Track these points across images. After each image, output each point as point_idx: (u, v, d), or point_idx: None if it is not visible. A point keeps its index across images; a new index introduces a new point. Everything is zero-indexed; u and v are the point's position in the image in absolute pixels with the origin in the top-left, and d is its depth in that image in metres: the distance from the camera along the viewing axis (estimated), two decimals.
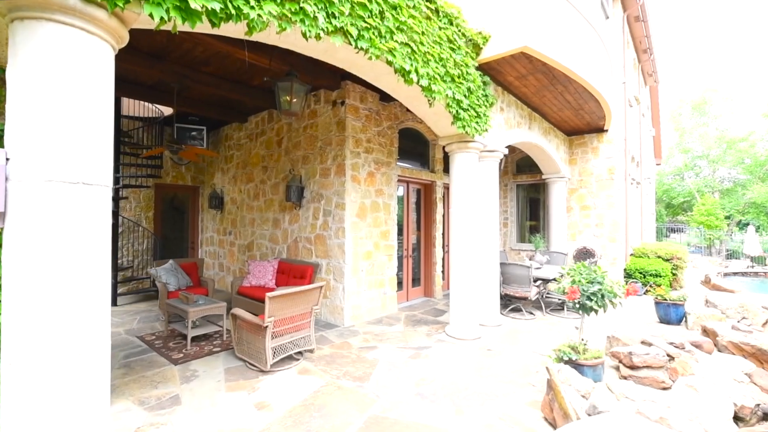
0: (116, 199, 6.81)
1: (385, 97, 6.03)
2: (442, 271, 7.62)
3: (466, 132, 4.65)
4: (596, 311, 3.38)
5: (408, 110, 6.60)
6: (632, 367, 3.71)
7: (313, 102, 6.06)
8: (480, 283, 5.23)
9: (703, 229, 20.08)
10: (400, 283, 6.77)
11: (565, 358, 3.26)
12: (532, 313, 6.23)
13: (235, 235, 7.90)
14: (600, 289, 3.27)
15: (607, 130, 8.45)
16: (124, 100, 7.16)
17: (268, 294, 3.54)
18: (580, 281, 3.34)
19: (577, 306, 3.39)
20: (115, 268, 6.74)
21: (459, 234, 4.97)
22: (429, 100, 4.06)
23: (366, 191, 5.80)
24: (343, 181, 5.51)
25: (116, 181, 6.81)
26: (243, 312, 3.96)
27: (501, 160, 5.83)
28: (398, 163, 6.48)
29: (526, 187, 10.02)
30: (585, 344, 3.46)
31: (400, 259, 6.75)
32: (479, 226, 5.14)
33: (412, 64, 3.60)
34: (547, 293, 6.57)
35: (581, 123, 7.98)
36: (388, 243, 6.22)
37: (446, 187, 7.90)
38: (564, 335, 5.07)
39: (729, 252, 18.76)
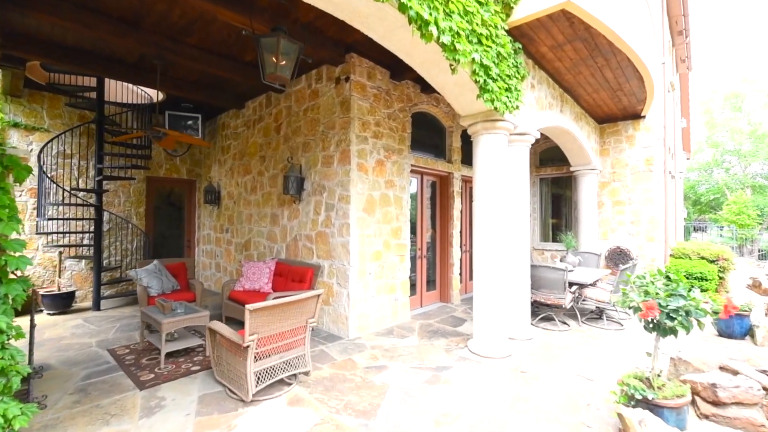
0: (98, 192, 6.18)
1: (396, 74, 5.25)
2: (460, 274, 6.81)
3: (495, 108, 3.83)
4: (675, 333, 2.54)
5: (422, 91, 5.80)
6: (716, 404, 2.87)
7: (315, 80, 5.31)
8: (509, 288, 4.42)
9: (734, 228, 18.76)
10: (412, 287, 6.00)
11: (638, 396, 2.45)
12: (565, 323, 5.39)
13: (232, 232, 7.23)
14: (684, 305, 2.44)
15: (644, 117, 7.52)
16: (112, 87, 6.52)
17: (249, 306, 2.81)
18: (656, 293, 2.51)
19: (651, 325, 2.57)
20: (99, 268, 6.11)
21: (484, 231, 4.17)
22: (451, 65, 3.27)
23: (374, 182, 5.04)
24: (348, 170, 4.75)
25: (98, 172, 6.18)
26: (221, 326, 3.23)
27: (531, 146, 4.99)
28: (411, 152, 5.69)
29: (549, 182, 9.12)
30: (659, 375, 2.64)
31: (413, 260, 5.97)
32: (507, 221, 4.32)
33: (431, 14, 2.81)
34: (583, 300, 5.71)
35: (616, 108, 7.08)
36: (400, 242, 5.45)
37: (465, 180, 7.09)
38: (611, 353, 4.22)
39: (762, 252, 17.48)
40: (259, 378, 3.05)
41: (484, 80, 3.62)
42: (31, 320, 3.47)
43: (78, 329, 5.10)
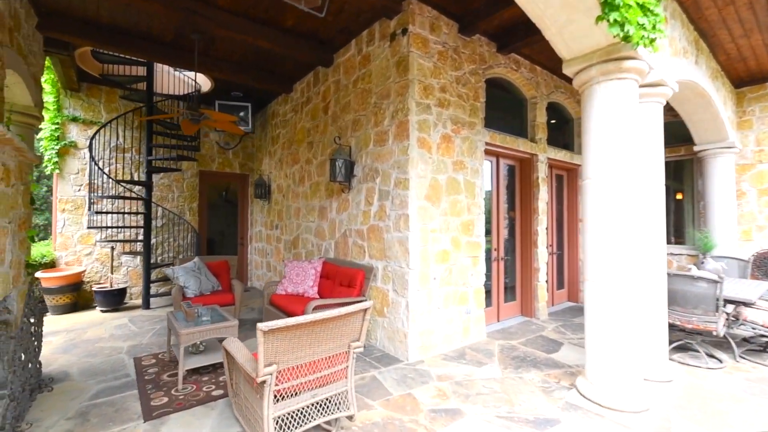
0: (148, 185, 5.93)
1: (466, 27, 4.12)
2: (547, 281, 5.43)
3: (625, 35, 2.53)
4: None
5: (499, 50, 4.60)
6: None
7: (366, 42, 4.39)
8: (638, 305, 3.04)
9: None
10: (487, 297, 4.79)
11: None
12: (714, 357, 3.80)
13: (281, 229, 6.64)
14: None
15: None
16: (160, 78, 6.30)
17: (261, 326, 1.92)
18: None
19: None
20: (148, 265, 5.86)
21: (601, 225, 2.87)
22: None
23: (440, 163, 3.97)
24: (406, 146, 3.74)
25: (148, 164, 5.94)
26: (236, 346, 2.41)
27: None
28: (485, 128, 4.51)
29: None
30: None
31: (487, 263, 4.77)
32: (635, 213, 2.95)
33: None
34: (740, 324, 4.03)
35: None
36: (473, 239, 4.30)
37: (551, 165, 5.70)
38: None
39: None
40: (282, 425, 2.17)
41: None
42: (37, 324, 2.99)
43: (118, 330, 4.76)
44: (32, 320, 2.77)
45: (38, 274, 5.53)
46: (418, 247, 3.74)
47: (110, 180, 5.84)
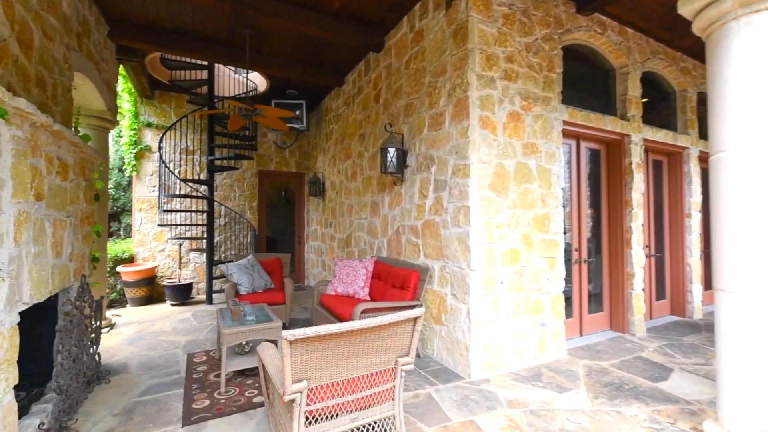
0: (210, 185, 6.13)
1: None
2: (643, 289, 4.47)
3: None
4: None
5: (579, 11, 3.84)
6: None
7: (419, 17, 3.95)
8: None
9: None
10: (567, 306, 4.03)
11: None
12: None
13: (334, 227, 6.46)
14: None
15: None
16: (221, 82, 6.51)
17: (287, 334, 1.58)
18: None
19: None
20: (211, 261, 6.04)
21: (745, 215, 2.08)
22: None
23: (506, 146, 3.37)
24: (465, 127, 3.22)
25: (209, 164, 6.14)
26: (269, 352, 2.13)
27: None
28: (562, 104, 3.80)
29: None
30: None
31: (567, 265, 4.02)
32: None
33: None
34: None
35: None
36: (549, 237, 3.62)
37: (648, 149, 4.72)
38: None
39: None
40: None
41: None
42: (94, 317, 3.03)
43: (181, 324, 4.90)
44: (85, 312, 2.79)
45: (119, 269, 5.99)
46: (480, 245, 3.20)
47: (177, 180, 6.14)
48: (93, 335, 2.99)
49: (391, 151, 3.99)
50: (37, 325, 2.59)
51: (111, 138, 6.12)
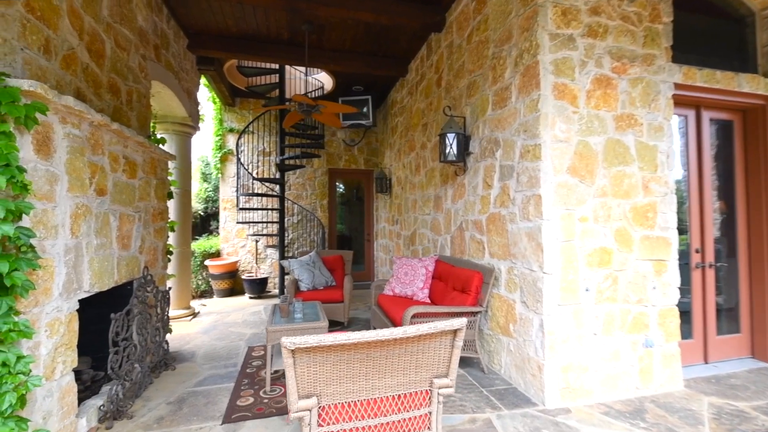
0: (281, 183, 6.36)
1: None
2: None
3: None
4: None
5: None
6: None
7: None
8: None
9: None
10: (684, 322, 3.10)
11: None
12: None
13: (400, 224, 6.20)
14: None
15: None
16: (290, 85, 6.73)
17: (287, 342, 1.34)
18: None
19: None
20: (282, 257, 6.28)
21: None
22: None
23: (591, 119, 2.70)
24: (535, 99, 2.65)
25: (280, 163, 6.37)
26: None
27: None
28: (671, 63, 2.92)
29: None
30: None
31: (683, 270, 3.11)
32: None
33: None
34: None
35: None
36: (655, 233, 2.81)
37: None
38: None
39: None
40: None
41: None
42: (161, 308, 3.22)
43: (252, 316, 5.13)
44: (148, 302, 2.97)
45: (206, 262, 6.59)
46: (556, 243, 2.59)
47: (252, 180, 6.52)
48: (159, 324, 3.19)
49: (450, 137, 3.55)
50: (115, 312, 2.81)
51: (197, 143, 6.77)
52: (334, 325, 4.44)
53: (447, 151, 3.57)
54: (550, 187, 2.59)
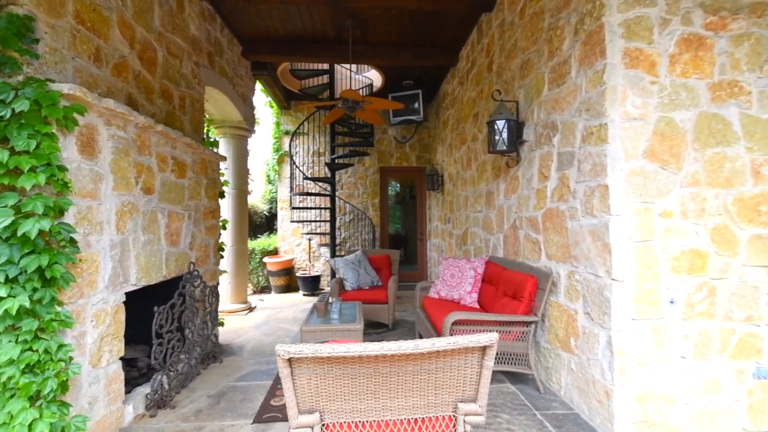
0: (331, 182, 6.41)
1: None
2: None
3: None
4: None
5: None
6: None
7: None
8: None
9: None
10: None
11: None
12: None
13: (452, 222, 5.86)
14: None
15: None
16: (340, 84, 6.75)
17: (281, 350, 1.19)
18: None
19: None
20: (333, 255, 6.32)
21: None
22: None
23: (677, 90, 2.17)
24: (600, 71, 2.20)
25: (331, 162, 6.41)
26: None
27: None
28: None
29: None
30: None
31: None
32: None
33: None
34: None
35: None
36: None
37: None
38: None
39: None
40: None
41: None
42: (209, 302, 3.34)
43: (302, 314, 5.21)
44: (195, 296, 3.09)
45: (264, 259, 6.90)
46: (628, 243, 2.13)
47: (307, 180, 6.66)
48: (207, 318, 3.32)
49: (500, 124, 3.18)
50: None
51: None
52: (379, 327, 4.30)
53: (496, 140, 3.20)
54: (619, 176, 2.14)
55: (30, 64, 1.89)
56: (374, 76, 6.54)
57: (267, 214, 8.30)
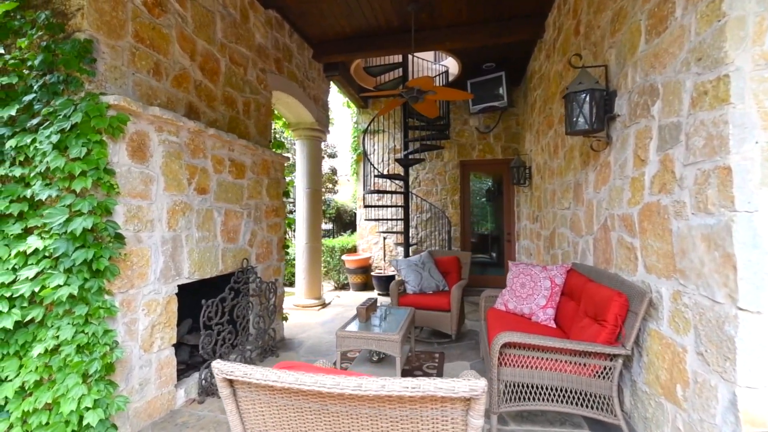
0: (404, 179, 6.18)
1: None
2: None
3: None
4: None
5: None
6: None
7: None
8: None
9: None
10: None
11: None
12: None
13: (540, 221, 5.06)
14: None
15: None
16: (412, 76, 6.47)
17: (216, 368, 1.02)
18: None
19: None
20: (406, 254, 6.10)
21: None
22: None
23: None
24: (717, 0, 1.48)
25: (405, 158, 6.19)
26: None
27: None
28: None
29: None
30: None
31: None
32: None
33: None
34: None
35: None
36: None
37: None
38: None
39: None
40: None
41: None
42: (266, 297, 3.47)
43: None
44: (250, 291, 3.22)
45: (343, 257, 7.07)
46: (765, 255, 1.38)
47: (379, 177, 6.59)
48: (264, 312, 3.45)
49: (582, 94, 2.49)
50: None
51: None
52: (441, 338, 3.92)
53: (575, 116, 2.54)
54: (750, 153, 1.41)
55: (91, 81, 2.14)
56: (450, 64, 6.10)
57: (355, 212, 8.54)
